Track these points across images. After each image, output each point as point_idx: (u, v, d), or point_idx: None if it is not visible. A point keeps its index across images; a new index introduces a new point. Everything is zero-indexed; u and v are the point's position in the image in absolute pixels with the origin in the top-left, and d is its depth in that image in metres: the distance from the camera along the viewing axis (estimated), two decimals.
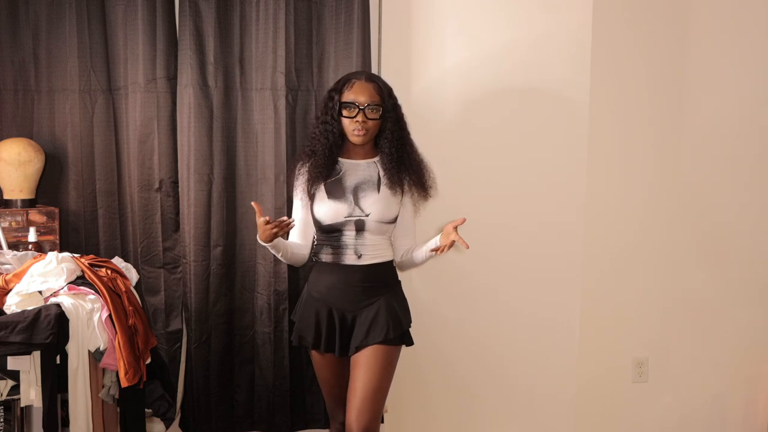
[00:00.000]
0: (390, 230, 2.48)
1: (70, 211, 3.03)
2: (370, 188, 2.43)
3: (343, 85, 2.43)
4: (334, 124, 2.42)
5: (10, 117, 2.98)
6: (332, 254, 2.44)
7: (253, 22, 2.99)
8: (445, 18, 3.05)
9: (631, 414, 3.25)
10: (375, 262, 2.44)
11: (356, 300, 2.42)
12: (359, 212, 2.40)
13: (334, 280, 2.43)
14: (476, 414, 3.23)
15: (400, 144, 2.45)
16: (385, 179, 2.44)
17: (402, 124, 2.48)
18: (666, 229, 3.18)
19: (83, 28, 2.96)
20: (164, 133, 3.00)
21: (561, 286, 3.13)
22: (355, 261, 2.41)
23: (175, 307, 3.10)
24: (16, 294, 2.35)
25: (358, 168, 2.47)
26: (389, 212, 2.44)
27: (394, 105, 2.46)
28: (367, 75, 2.47)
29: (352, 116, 2.38)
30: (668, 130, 3.14)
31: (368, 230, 2.41)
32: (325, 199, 2.42)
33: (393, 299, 2.46)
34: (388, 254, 2.49)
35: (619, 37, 3.04)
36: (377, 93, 2.40)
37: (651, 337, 3.23)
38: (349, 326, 2.43)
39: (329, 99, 2.45)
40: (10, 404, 2.29)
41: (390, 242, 2.51)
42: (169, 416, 3.09)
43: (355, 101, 2.37)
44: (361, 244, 2.41)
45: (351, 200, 2.41)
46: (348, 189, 2.43)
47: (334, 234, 2.43)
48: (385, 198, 2.43)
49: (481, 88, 3.06)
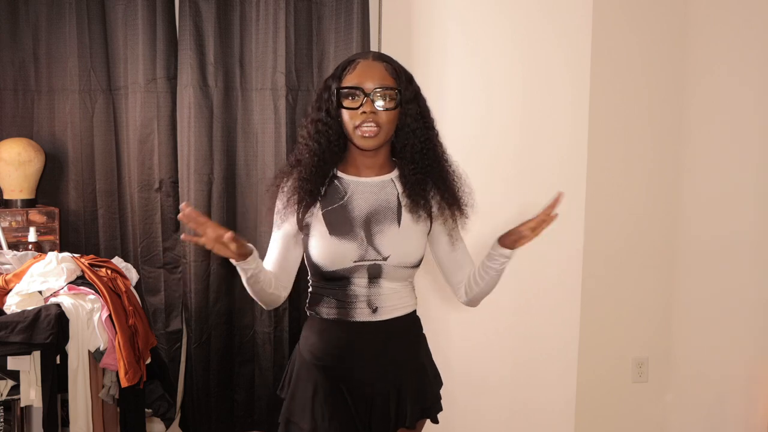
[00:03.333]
0: (413, 275, 1.82)
1: (70, 211, 3.03)
2: (387, 219, 1.75)
3: (344, 68, 1.74)
4: (330, 122, 1.72)
5: (10, 117, 2.98)
6: (336, 308, 1.76)
7: (253, 22, 2.99)
8: (445, 18, 3.05)
9: (631, 414, 3.25)
10: (395, 316, 1.78)
11: (372, 369, 1.76)
12: (374, 254, 1.73)
13: (340, 343, 1.76)
14: (476, 413, 3.23)
15: (426, 148, 1.76)
16: (406, 199, 1.76)
17: (428, 120, 1.77)
18: (666, 228, 3.18)
19: (83, 28, 2.96)
20: (164, 133, 3.00)
21: (561, 287, 3.12)
22: (369, 316, 1.75)
23: (175, 307, 3.10)
24: (16, 294, 2.36)
25: (370, 189, 1.77)
26: (414, 253, 1.76)
27: (416, 94, 1.75)
28: (376, 54, 1.76)
29: (356, 107, 1.67)
30: (668, 131, 3.14)
31: (385, 277, 1.75)
32: (326, 235, 1.72)
33: (420, 362, 1.86)
34: (411, 303, 1.85)
35: (619, 37, 3.04)
36: (391, 75, 1.70)
37: (651, 337, 3.23)
38: (365, 406, 1.78)
39: (325, 89, 1.75)
40: (10, 404, 2.29)
41: (412, 287, 1.86)
42: (169, 416, 3.09)
43: (359, 85, 1.68)
44: (375, 294, 1.75)
45: (362, 237, 1.73)
46: (357, 221, 1.74)
47: (338, 282, 1.75)
48: (408, 234, 1.75)
49: (480, 88, 3.06)
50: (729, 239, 3.23)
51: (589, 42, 2.98)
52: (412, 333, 1.86)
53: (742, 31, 3.13)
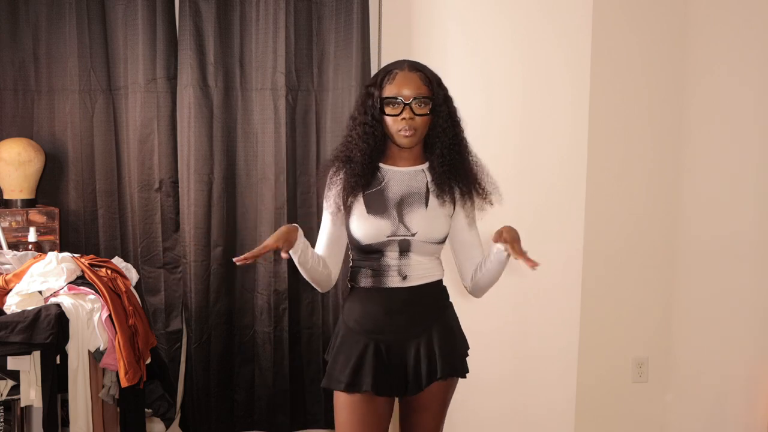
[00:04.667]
0: (439, 251, 2.12)
1: (70, 211, 3.03)
2: (416, 202, 2.06)
3: (383, 78, 2.05)
4: (376, 125, 2.03)
5: (10, 117, 2.98)
6: (372, 277, 2.07)
7: (253, 22, 2.99)
8: (445, 18, 3.05)
9: (631, 414, 3.25)
10: (423, 283, 2.08)
11: (405, 329, 2.05)
12: (404, 231, 2.04)
13: (376, 307, 2.06)
14: (476, 413, 3.23)
15: (453, 143, 2.08)
16: (434, 186, 2.07)
17: (455, 119, 2.10)
18: (666, 228, 3.18)
19: (83, 28, 2.96)
20: (164, 133, 3.00)
21: (561, 286, 3.12)
22: (400, 283, 2.05)
23: (175, 307, 3.10)
24: (16, 294, 2.36)
25: (404, 177, 2.09)
26: (439, 231, 2.07)
27: (446, 97, 2.08)
28: (411, 64, 2.07)
29: (397, 113, 2.00)
30: (668, 131, 3.14)
31: (414, 251, 2.05)
32: (364, 214, 2.04)
33: (448, 324, 2.13)
34: (438, 273, 2.13)
35: (619, 37, 3.04)
36: (425, 84, 2.02)
37: (651, 337, 3.23)
38: (400, 362, 2.05)
39: (367, 96, 2.06)
40: (10, 404, 2.29)
41: (439, 261, 2.15)
42: (169, 416, 3.10)
43: (398, 95, 1.99)
44: (405, 264, 2.05)
45: (395, 216, 2.04)
46: (391, 202, 2.05)
47: (373, 255, 2.06)
48: (434, 214, 2.06)
49: (480, 88, 3.06)
50: (729, 239, 3.23)
51: (589, 42, 2.98)
52: (439, 298, 2.14)
53: (742, 31, 3.13)
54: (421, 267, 2.07)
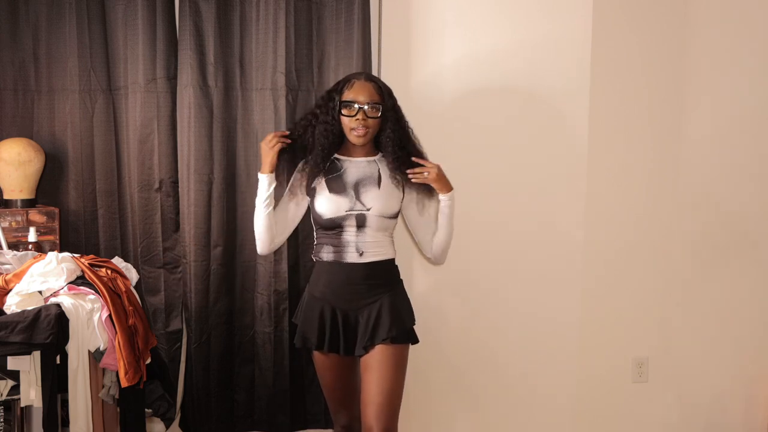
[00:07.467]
0: (392, 226, 2.51)
1: (70, 211, 3.03)
2: (371, 184, 2.47)
3: (344, 85, 2.47)
4: (335, 123, 2.46)
5: (10, 117, 2.98)
6: (333, 252, 2.46)
7: (253, 22, 2.99)
8: (445, 18, 3.05)
9: (631, 414, 3.25)
10: (377, 260, 2.46)
11: (359, 298, 2.44)
12: (360, 206, 2.44)
13: (335, 278, 2.46)
14: (476, 413, 3.23)
15: (402, 143, 2.48)
16: (385, 175, 2.49)
17: (402, 123, 2.52)
18: (666, 229, 3.18)
19: (83, 28, 2.96)
20: (164, 133, 3.00)
21: (561, 286, 3.13)
22: (357, 259, 2.44)
23: (175, 307, 3.10)
24: (16, 294, 2.35)
25: (360, 165, 2.50)
26: (391, 207, 2.47)
27: (394, 105, 2.50)
28: (367, 75, 2.54)
29: (353, 115, 2.41)
30: (668, 131, 3.14)
31: (369, 226, 2.44)
32: (327, 194, 2.46)
33: (395, 297, 2.49)
34: (390, 252, 2.52)
35: (619, 38, 3.04)
36: (377, 92, 2.44)
37: (651, 337, 3.23)
38: (352, 325, 2.46)
39: (329, 99, 2.49)
40: (10, 404, 2.29)
41: (391, 240, 2.54)
42: (169, 416, 3.09)
43: (354, 100, 2.41)
44: (362, 240, 2.44)
45: (352, 195, 2.45)
46: (349, 184, 2.46)
47: (334, 230, 2.45)
48: (386, 193, 2.47)
49: (480, 89, 3.06)
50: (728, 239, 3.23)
51: (589, 42, 2.99)
52: (391, 275, 2.53)
53: (742, 31, 3.13)
54: (376, 244, 2.46)
